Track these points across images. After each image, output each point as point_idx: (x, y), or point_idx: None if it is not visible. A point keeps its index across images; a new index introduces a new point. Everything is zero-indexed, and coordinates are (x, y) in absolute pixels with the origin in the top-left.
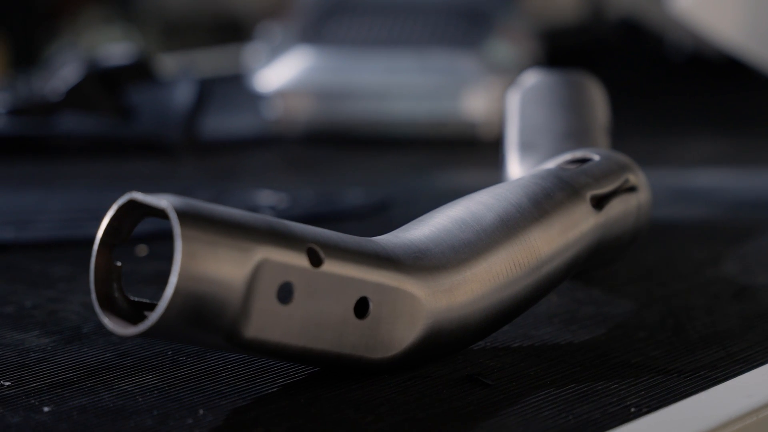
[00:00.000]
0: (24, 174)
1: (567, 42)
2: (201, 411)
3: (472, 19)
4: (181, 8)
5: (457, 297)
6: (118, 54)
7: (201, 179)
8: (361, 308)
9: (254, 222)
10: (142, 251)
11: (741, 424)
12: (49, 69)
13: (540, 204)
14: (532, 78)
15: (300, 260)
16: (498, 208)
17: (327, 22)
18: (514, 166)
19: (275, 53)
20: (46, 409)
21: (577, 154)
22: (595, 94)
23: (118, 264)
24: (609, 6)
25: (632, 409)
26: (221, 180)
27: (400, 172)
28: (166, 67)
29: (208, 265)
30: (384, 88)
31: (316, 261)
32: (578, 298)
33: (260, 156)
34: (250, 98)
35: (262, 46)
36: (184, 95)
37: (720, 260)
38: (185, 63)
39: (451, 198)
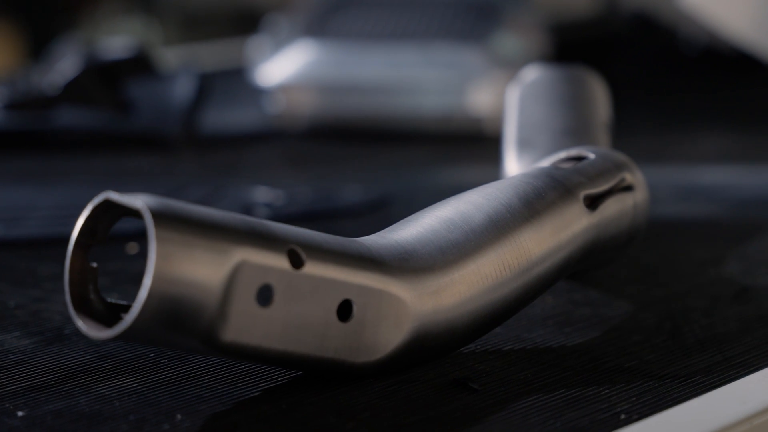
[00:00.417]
0: (20, 169)
1: (578, 36)
2: (179, 416)
3: (479, 12)
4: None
5: (444, 299)
6: (118, 47)
7: (199, 175)
8: (345, 311)
9: (233, 223)
10: (133, 249)
11: None
12: (49, 62)
13: (531, 204)
14: (533, 73)
15: (280, 262)
16: (488, 208)
17: (332, 16)
18: (512, 164)
19: (279, 47)
20: (21, 414)
21: (573, 152)
22: (597, 90)
23: (94, 265)
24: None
25: (622, 416)
26: (220, 176)
27: (402, 168)
28: (167, 61)
29: (184, 267)
30: (388, 83)
31: (297, 262)
32: (575, 300)
33: (261, 151)
34: (253, 92)
35: (266, 40)
36: (184, 89)
37: (722, 260)
38: (186, 56)
39: (453, 195)
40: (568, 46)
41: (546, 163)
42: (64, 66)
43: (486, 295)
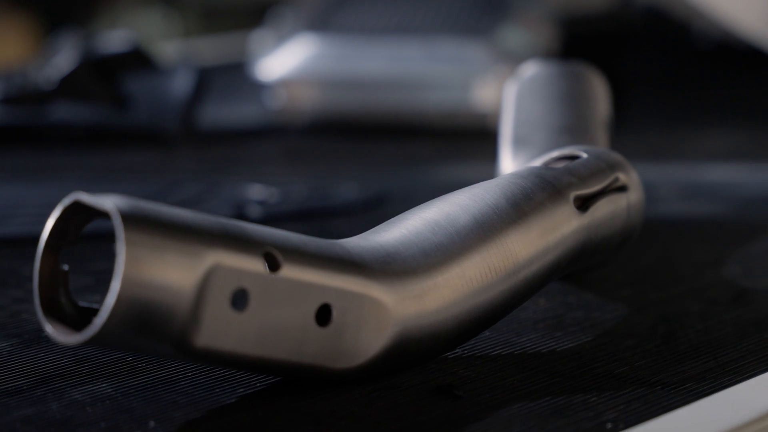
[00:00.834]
0: (14, 165)
1: (590, 29)
2: (152, 423)
3: (486, 6)
4: None
5: (428, 303)
6: (116, 41)
7: (196, 171)
8: (323, 315)
9: (206, 225)
10: None
11: None
12: (47, 56)
13: (519, 205)
14: (531, 69)
15: (255, 265)
16: (474, 210)
17: (336, 10)
18: (507, 162)
19: (281, 41)
20: None
21: (565, 152)
22: (596, 87)
23: (65, 268)
24: None
25: (608, 425)
26: (217, 172)
27: (404, 165)
28: (167, 55)
29: (154, 271)
30: (391, 78)
31: (274, 266)
32: (568, 302)
33: (260, 147)
34: (253, 87)
35: (269, 33)
36: (182, 84)
37: (722, 262)
38: (187, 50)
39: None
40: (580, 40)
41: (538, 163)
42: (61, 60)
43: (471, 299)
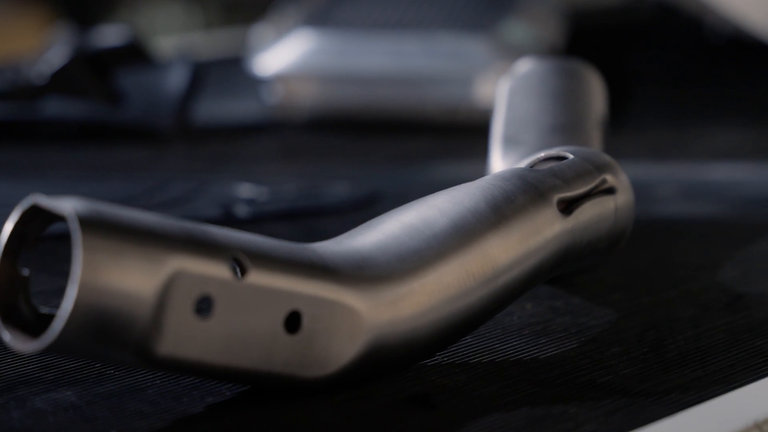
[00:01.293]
0: (2, 162)
1: (599, 23)
2: None
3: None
4: None
5: (402, 310)
6: (110, 35)
7: (189, 169)
8: (293, 322)
9: (169, 229)
10: None
11: None
12: (40, 51)
13: (499, 208)
14: (525, 66)
15: (221, 271)
16: (452, 213)
17: (336, 5)
18: (497, 163)
19: (279, 35)
20: None
21: (552, 152)
22: (592, 85)
23: (25, 273)
24: None
25: None
26: (210, 169)
27: (401, 162)
28: (164, 50)
29: (112, 277)
30: (391, 73)
31: (240, 271)
32: (555, 307)
33: (256, 144)
34: (250, 82)
35: (268, 28)
36: (177, 79)
37: (719, 265)
38: (183, 45)
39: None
40: (588, 35)
41: (523, 164)
42: (52, 55)
43: (448, 306)
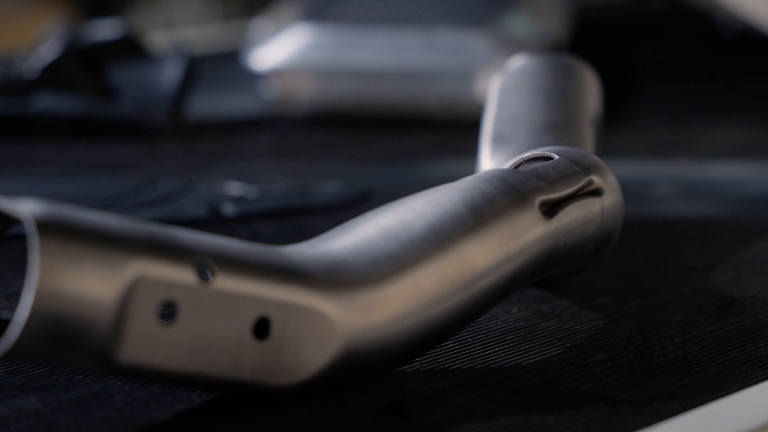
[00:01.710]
0: None
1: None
2: None
3: None
4: None
5: (376, 316)
6: (104, 29)
7: (180, 166)
8: (262, 329)
9: (131, 233)
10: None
11: None
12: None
13: (478, 211)
14: (518, 62)
15: (185, 276)
16: (429, 216)
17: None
18: (486, 162)
19: (276, 30)
20: None
21: (537, 153)
22: (586, 82)
23: None
24: None
25: None
26: (203, 166)
27: (398, 159)
28: (158, 44)
29: (70, 282)
30: (389, 68)
31: (205, 276)
32: (542, 311)
33: (251, 140)
34: (247, 77)
35: (267, 22)
36: (171, 74)
37: (713, 267)
38: (178, 39)
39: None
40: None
41: (507, 165)
42: (44, 49)
43: (424, 311)
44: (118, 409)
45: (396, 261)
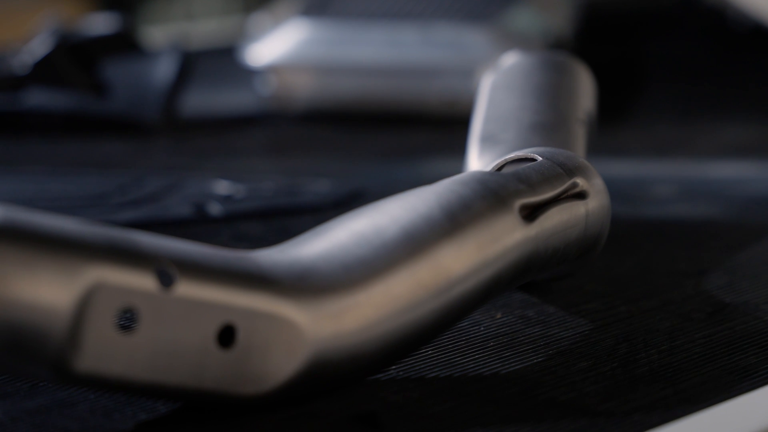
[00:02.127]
0: None
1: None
2: None
3: None
4: None
5: (347, 323)
6: (98, 24)
7: (172, 163)
8: (226, 336)
9: (90, 238)
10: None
11: None
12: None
13: (454, 215)
14: (510, 59)
15: (146, 282)
16: (404, 221)
17: None
18: (474, 163)
19: (274, 25)
20: None
21: (521, 154)
22: (579, 81)
23: None
24: None
25: None
26: (195, 164)
27: (396, 157)
28: (154, 39)
29: (25, 289)
30: (388, 64)
31: (167, 282)
32: (526, 316)
33: (245, 138)
34: (243, 73)
35: (266, 17)
36: (165, 70)
37: (707, 271)
38: (174, 34)
39: None
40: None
41: (490, 167)
42: (36, 44)
43: (396, 319)
44: (80, 419)
45: (368, 267)
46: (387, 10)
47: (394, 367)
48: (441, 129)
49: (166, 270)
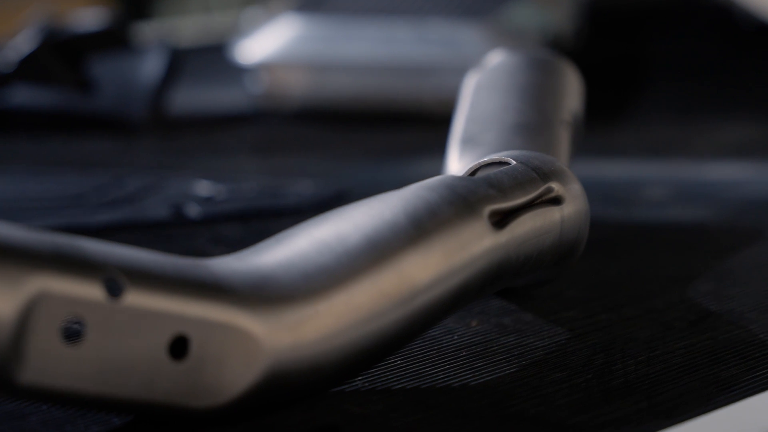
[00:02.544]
0: None
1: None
2: None
3: None
4: None
5: (306, 333)
6: (87, 20)
7: (156, 163)
8: (179, 348)
9: (35, 245)
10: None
11: None
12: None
13: (419, 222)
14: (495, 58)
15: (92, 291)
16: (367, 227)
17: None
18: (454, 164)
19: (266, 21)
20: None
21: (495, 157)
22: (565, 81)
23: None
24: None
25: None
26: (179, 164)
27: (388, 157)
28: (144, 36)
29: None
30: (382, 62)
31: (115, 292)
32: (503, 324)
33: (234, 136)
34: (234, 70)
35: (259, 13)
36: (153, 67)
37: (694, 277)
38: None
39: None
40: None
41: (462, 171)
42: (21, 40)
43: (358, 329)
44: (31, 430)
45: (329, 275)
46: (382, 7)
47: (360, 378)
48: (435, 128)
49: (115, 279)
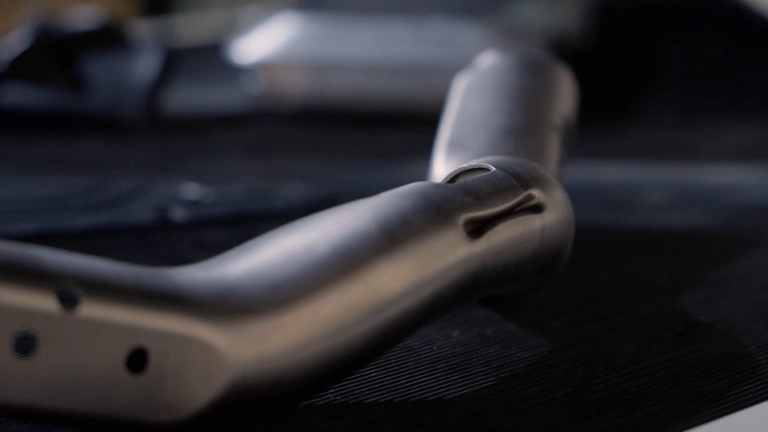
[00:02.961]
0: None
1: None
2: None
3: None
4: None
5: (271, 346)
6: (81, 19)
7: (148, 165)
8: (137, 361)
9: None
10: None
11: None
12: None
13: (391, 231)
14: (487, 60)
15: (45, 303)
16: (336, 236)
17: None
18: (439, 170)
19: (264, 20)
20: None
21: (474, 164)
22: (558, 84)
23: None
24: None
25: None
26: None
27: (381, 159)
28: (139, 34)
29: None
30: (381, 62)
31: (70, 303)
32: (485, 335)
33: (229, 138)
34: (231, 70)
35: (258, 12)
36: (147, 66)
37: (686, 286)
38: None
39: None
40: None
41: (441, 178)
42: (13, 39)
43: (326, 341)
44: None
45: (296, 286)
46: (382, 6)
47: (332, 391)
48: (435, 128)
49: (69, 290)
